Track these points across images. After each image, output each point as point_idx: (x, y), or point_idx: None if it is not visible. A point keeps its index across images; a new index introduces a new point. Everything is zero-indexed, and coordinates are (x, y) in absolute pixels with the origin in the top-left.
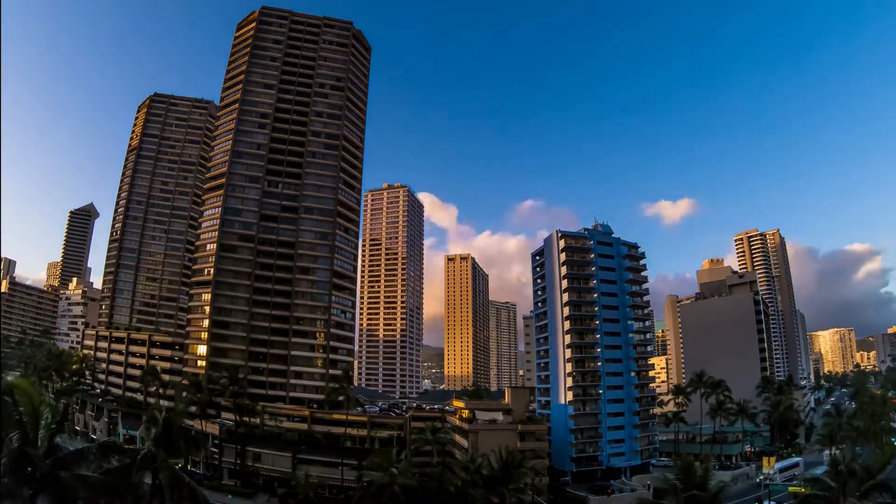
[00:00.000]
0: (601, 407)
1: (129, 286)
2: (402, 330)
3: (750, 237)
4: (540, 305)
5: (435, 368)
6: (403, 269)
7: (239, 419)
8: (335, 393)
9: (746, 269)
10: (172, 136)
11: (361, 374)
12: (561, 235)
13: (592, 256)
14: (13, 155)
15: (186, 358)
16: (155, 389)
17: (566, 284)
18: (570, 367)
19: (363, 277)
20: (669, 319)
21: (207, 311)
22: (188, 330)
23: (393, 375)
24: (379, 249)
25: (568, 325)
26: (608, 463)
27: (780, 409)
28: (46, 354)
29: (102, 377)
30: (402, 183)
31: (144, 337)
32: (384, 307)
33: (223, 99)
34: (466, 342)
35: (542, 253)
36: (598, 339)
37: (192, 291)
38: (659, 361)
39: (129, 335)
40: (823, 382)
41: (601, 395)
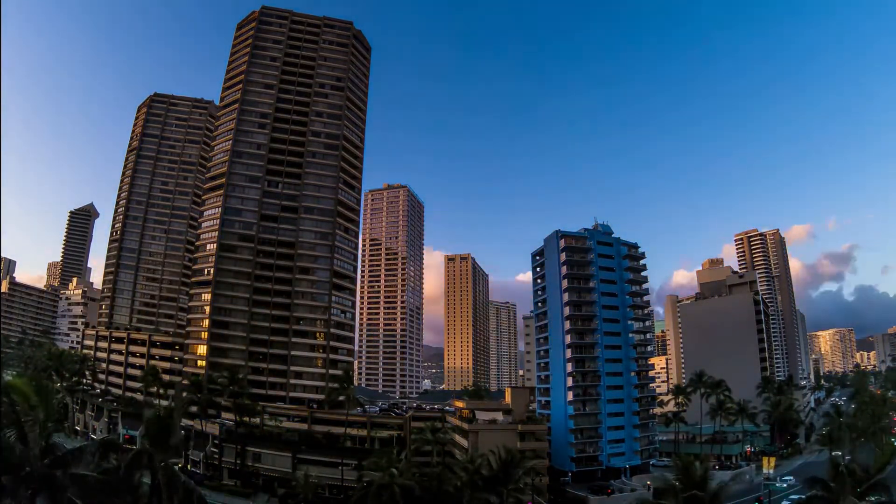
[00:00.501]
0: (601, 407)
1: (129, 286)
2: (402, 330)
3: (750, 237)
4: (540, 305)
5: (435, 368)
6: (403, 268)
7: (239, 419)
8: (335, 393)
9: (746, 269)
10: (172, 136)
11: (361, 373)
12: (561, 235)
13: (592, 256)
14: (13, 155)
15: (186, 358)
16: (155, 389)
17: (566, 284)
18: (570, 367)
19: (363, 277)
20: (669, 319)
21: (207, 311)
22: (188, 330)
23: (393, 375)
24: (379, 249)
25: (568, 325)
26: (608, 463)
27: (780, 409)
28: (46, 354)
29: (102, 377)
30: (402, 183)
31: (144, 337)
32: (384, 307)
33: (223, 99)
34: (466, 342)
35: (541, 253)
36: (598, 339)
37: (192, 291)
38: (659, 361)
39: (129, 335)
40: (823, 382)
41: (601, 395)
